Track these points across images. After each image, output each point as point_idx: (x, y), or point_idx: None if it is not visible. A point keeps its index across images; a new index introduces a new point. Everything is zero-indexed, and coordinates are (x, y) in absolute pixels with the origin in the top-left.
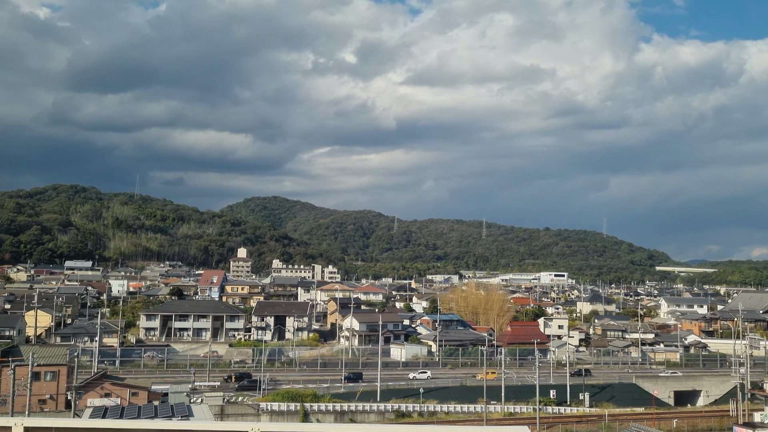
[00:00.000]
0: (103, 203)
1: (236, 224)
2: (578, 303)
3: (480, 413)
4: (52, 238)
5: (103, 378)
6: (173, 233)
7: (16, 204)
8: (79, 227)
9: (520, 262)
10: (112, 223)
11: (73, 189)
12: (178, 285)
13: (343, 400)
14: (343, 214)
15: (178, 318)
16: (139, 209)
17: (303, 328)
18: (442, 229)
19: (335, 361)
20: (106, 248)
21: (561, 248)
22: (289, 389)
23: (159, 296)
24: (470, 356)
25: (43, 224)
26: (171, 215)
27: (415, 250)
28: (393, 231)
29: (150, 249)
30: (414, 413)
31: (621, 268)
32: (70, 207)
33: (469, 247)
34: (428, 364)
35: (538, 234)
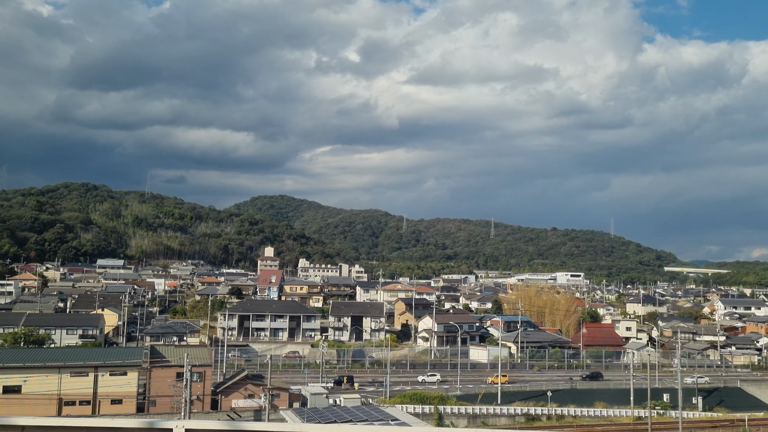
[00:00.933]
0: (121, 201)
1: (254, 223)
2: (628, 304)
3: (606, 417)
4: (75, 236)
5: (245, 379)
6: (192, 232)
7: (37, 202)
8: (100, 225)
9: (530, 262)
10: (132, 222)
11: (84, 187)
12: (237, 285)
13: (467, 402)
14: (351, 213)
15: (255, 318)
16: (156, 207)
17: (380, 329)
18: (450, 228)
19: (420, 362)
20: (127, 246)
21: (569, 248)
22: (416, 391)
23: (218, 296)
24: (551, 358)
25: (65, 222)
26: (188, 214)
27: (425, 250)
28: (402, 230)
29: (171, 247)
30: (542, 416)
31: (630, 269)
32: (89, 205)
33: (477, 247)
34: (514, 366)
35: (546, 234)
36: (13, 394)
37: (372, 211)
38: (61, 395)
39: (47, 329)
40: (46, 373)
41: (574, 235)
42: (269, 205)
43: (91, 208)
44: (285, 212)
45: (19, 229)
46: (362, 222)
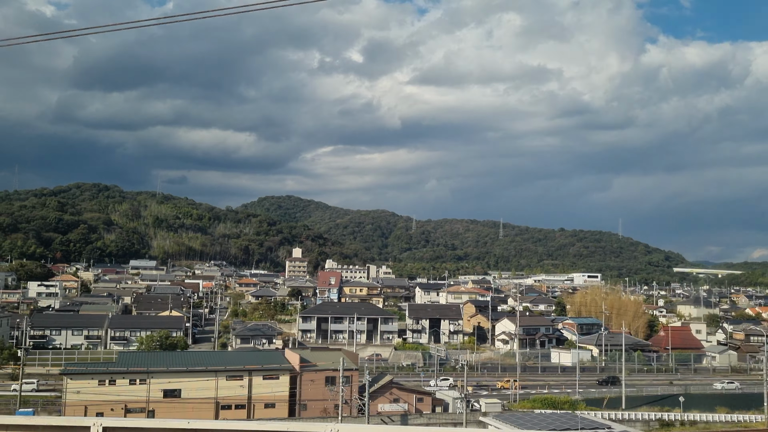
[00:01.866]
0: (140, 202)
1: (272, 224)
2: (679, 306)
3: (740, 423)
4: (99, 236)
5: (390, 384)
6: (211, 232)
7: (58, 203)
8: (121, 226)
9: (539, 263)
10: (153, 222)
11: (96, 187)
12: (297, 286)
13: (595, 407)
14: (360, 213)
15: (334, 320)
16: (174, 208)
17: (458, 331)
18: (458, 229)
19: (506, 365)
20: (149, 247)
21: (578, 249)
22: (546, 395)
23: (277, 297)
24: (634, 361)
25: (88, 223)
26: (206, 214)
27: (436, 250)
28: (411, 231)
29: (193, 248)
30: (676, 422)
31: (640, 269)
32: (107, 206)
33: (486, 248)
34: (603, 369)
35: (554, 234)
36: (173, 398)
37: (379, 211)
38: (218, 399)
39: (132, 331)
40: (204, 376)
41: (582, 235)
42: (277, 206)
43: (110, 208)
44: (293, 213)
45: (44, 230)
46: (371, 222)
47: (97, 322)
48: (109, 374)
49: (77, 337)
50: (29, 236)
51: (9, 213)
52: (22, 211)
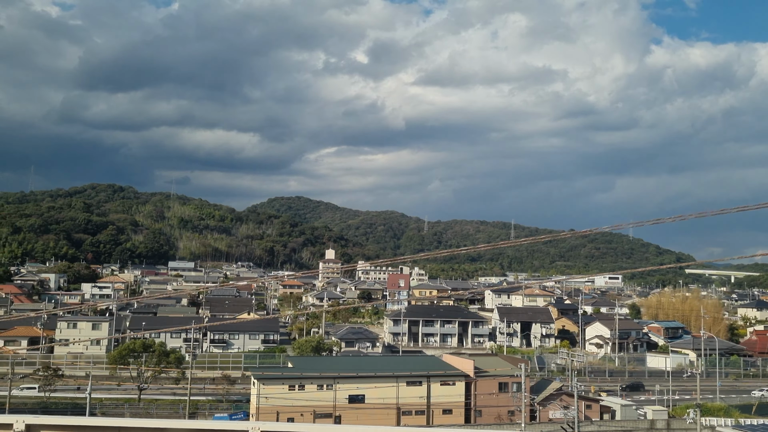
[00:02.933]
0: (163, 203)
1: (294, 225)
2: (740, 309)
3: None
4: (127, 237)
5: (560, 390)
6: (234, 233)
7: (84, 204)
8: (147, 227)
9: (552, 264)
10: (177, 223)
11: (111, 188)
12: (366, 288)
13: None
14: (371, 214)
15: (425, 323)
16: (196, 209)
17: (550, 335)
18: (468, 230)
19: (602, 370)
20: (176, 248)
21: (589, 250)
22: (701, 403)
23: (347, 300)
24: (732, 366)
25: (115, 224)
26: (228, 215)
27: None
28: (423, 232)
29: (219, 249)
30: None
31: (653, 271)
32: (131, 207)
33: (498, 249)
34: (708, 374)
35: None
36: (358, 404)
37: (389, 212)
38: (399, 404)
39: (231, 334)
40: (387, 382)
41: (593, 236)
42: (287, 207)
43: (133, 209)
44: (303, 213)
45: (74, 231)
46: (383, 223)
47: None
48: (301, 379)
49: (176, 339)
50: (60, 237)
51: (38, 214)
52: (51, 213)
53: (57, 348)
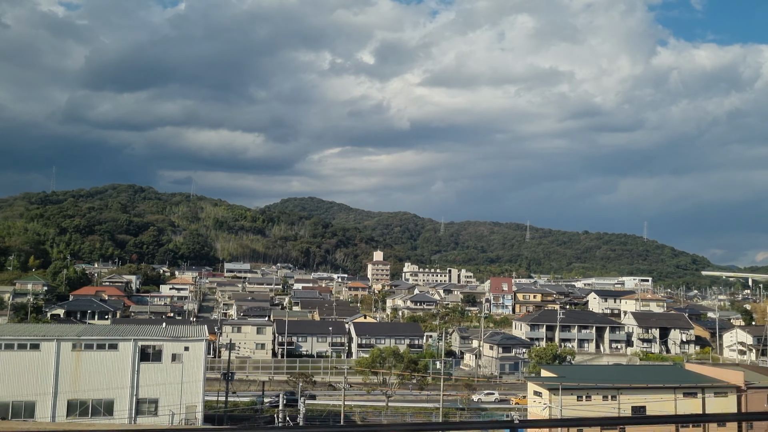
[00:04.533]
0: (196, 204)
1: (326, 226)
2: None
3: None
4: (168, 238)
5: None
6: (268, 234)
7: (120, 205)
8: (184, 228)
9: (569, 266)
10: (213, 224)
11: (131, 188)
12: (470, 293)
13: None
14: (387, 215)
15: (562, 328)
16: (229, 210)
17: (689, 341)
18: (482, 231)
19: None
20: (213, 249)
21: (604, 252)
22: None
23: (450, 304)
24: None
25: (156, 225)
26: (260, 217)
27: (467, 253)
28: (440, 233)
29: (256, 250)
30: None
31: (670, 273)
32: (165, 208)
33: (513, 250)
34: None
35: (578, 237)
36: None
37: (402, 213)
38: None
39: (377, 338)
40: (664, 393)
41: (608, 238)
42: (300, 207)
43: (168, 210)
44: (316, 214)
45: (117, 231)
46: (399, 224)
47: (339, 329)
48: (589, 390)
49: (322, 344)
50: (105, 238)
51: (81, 215)
52: (92, 213)
53: (224, 352)
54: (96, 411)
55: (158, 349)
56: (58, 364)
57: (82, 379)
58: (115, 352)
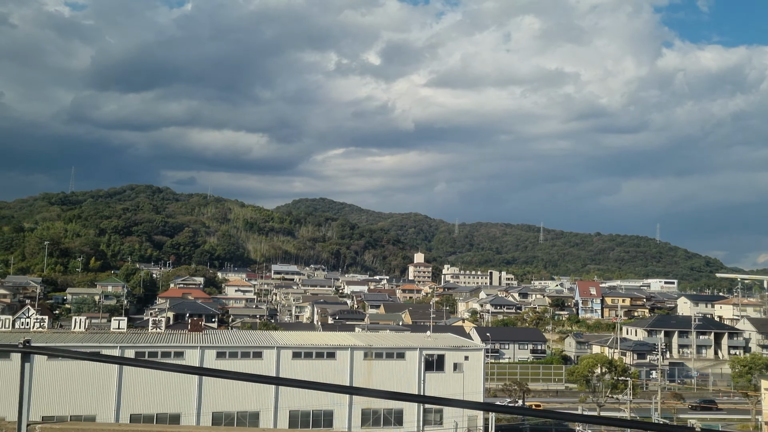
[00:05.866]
0: (224, 205)
1: (353, 227)
2: None
3: None
4: (203, 240)
5: None
6: (297, 236)
7: (153, 206)
8: (215, 229)
9: (584, 267)
10: (243, 226)
11: (149, 189)
12: (557, 296)
13: None
14: (398, 216)
15: (680, 334)
16: (257, 211)
17: None
18: (494, 232)
19: None
20: (245, 250)
21: (618, 253)
22: None
23: (538, 307)
24: None
25: (190, 226)
26: (287, 218)
27: (483, 254)
28: (454, 234)
29: (288, 252)
30: None
31: (686, 275)
32: (194, 209)
33: (527, 252)
34: None
35: (591, 239)
36: None
37: (413, 214)
38: None
39: (502, 343)
40: None
41: (621, 240)
42: (312, 208)
43: (196, 211)
44: (328, 215)
45: (153, 232)
46: (413, 226)
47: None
48: None
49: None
50: (143, 239)
51: (117, 216)
52: (127, 214)
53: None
54: (387, 421)
55: (441, 358)
56: (352, 373)
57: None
58: (402, 362)
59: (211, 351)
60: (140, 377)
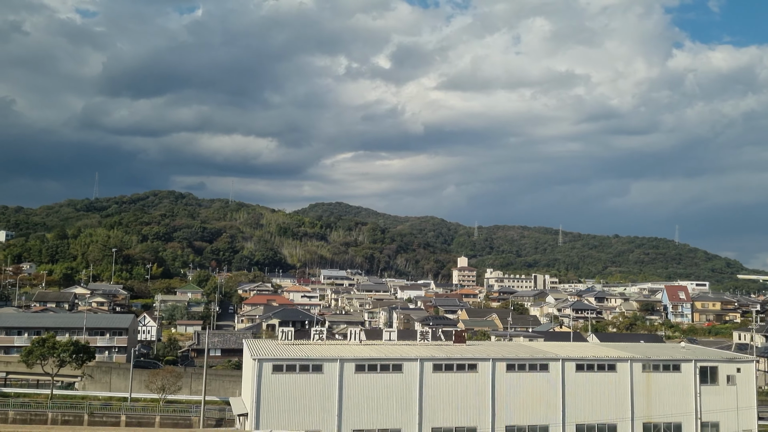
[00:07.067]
0: (255, 210)
1: (383, 231)
2: None
3: None
4: (240, 245)
5: None
6: (329, 240)
7: (188, 212)
8: (250, 234)
9: (604, 270)
10: (277, 231)
11: (172, 194)
12: (646, 301)
13: None
14: (416, 219)
15: None
16: (287, 216)
17: None
18: (512, 235)
19: None
20: (281, 255)
21: (637, 255)
22: None
23: (626, 312)
24: None
25: (227, 232)
26: (318, 222)
27: (505, 257)
28: (474, 237)
29: (324, 257)
30: None
31: (707, 277)
32: (226, 214)
33: (546, 254)
34: None
35: (610, 241)
36: None
37: (429, 217)
38: None
39: None
40: None
41: (639, 242)
42: (329, 212)
43: (228, 217)
44: (347, 218)
45: (193, 238)
46: (432, 229)
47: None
48: None
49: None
50: (184, 245)
51: (155, 222)
52: (165, 220)
53: None
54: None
55: (714, 371)
56: (632, 387)
57: (653, 401)
58: (678, 374)
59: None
60: (361, 391)
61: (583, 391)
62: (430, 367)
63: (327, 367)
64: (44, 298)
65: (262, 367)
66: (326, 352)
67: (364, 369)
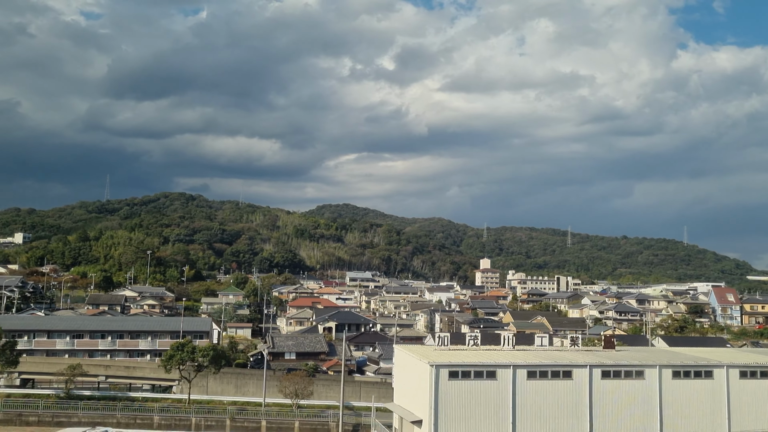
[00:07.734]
0: (271, 212)
1: (398, 233)
2: None
3: None
4: (260, 247)
5: None
6: (345, 242)
7: (205, 214)
8: (267, 236)
9: (614, 271)
10: (294, 233)
11: (182, 197)
12: (695, 303)
13: None
14: (424, 221)
15: None
16: (303, 218)
17: None
18: (520, 236)
19: None
20: (300, 257)
21: (646, 257)
22: None
23: (674, 315)
24: None
25: (246, 233)
26: (333, 224)
27: (514, 259)
28: (483, 239)
29: (342, 258)
30: None
31: (717, 278)
32: (241, 216)
33: (556, 255)
34: None
35: (618, 242)
36: None
37: (437, 219)
38: None
39: None
40: None
41: (648, 243)
42: (337, 214)
43: (244, 218)
44: (356, 220)
45: (212, 240)
46: (441, 230)
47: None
48: None
49: None
50: (204, 247)
51: (175, 224)
52: (185, 222)
53: None
54: None
55: None
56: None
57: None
58: None
59: (597, 370)
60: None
61: (749, 400)
62: (599, 374)
63: (500, 374)
64: (96, 300)
65: (439, 374)
66: (496, 357)
67: (536, 375)
